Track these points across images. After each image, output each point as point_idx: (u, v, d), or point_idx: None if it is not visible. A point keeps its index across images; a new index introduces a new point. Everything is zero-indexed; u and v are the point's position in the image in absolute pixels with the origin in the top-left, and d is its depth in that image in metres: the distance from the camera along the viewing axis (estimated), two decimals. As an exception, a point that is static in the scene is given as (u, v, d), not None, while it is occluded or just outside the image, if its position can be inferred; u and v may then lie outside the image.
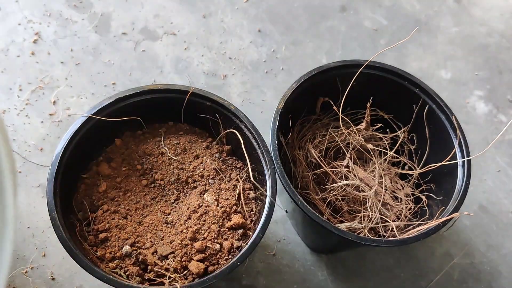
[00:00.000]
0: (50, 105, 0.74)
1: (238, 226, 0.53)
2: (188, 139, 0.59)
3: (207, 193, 0.55)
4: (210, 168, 0.57)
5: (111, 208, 0.53)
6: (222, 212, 0.53)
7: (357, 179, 0.60)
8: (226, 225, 0.53)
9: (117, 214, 0.53)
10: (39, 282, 0.62)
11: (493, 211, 0.74)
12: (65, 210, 0.51)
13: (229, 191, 0.55)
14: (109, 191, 0.55)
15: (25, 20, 0.81)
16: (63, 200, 0.51)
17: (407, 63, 0.87)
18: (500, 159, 0.79)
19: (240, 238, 0.52)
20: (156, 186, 0.56)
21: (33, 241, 0.64)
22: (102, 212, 0.53)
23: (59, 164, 0.51)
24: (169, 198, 0.56)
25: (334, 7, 0.91)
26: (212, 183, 0.56)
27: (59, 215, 0.49)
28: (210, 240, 0.52)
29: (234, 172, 0.58)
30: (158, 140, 0.59)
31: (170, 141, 0.58)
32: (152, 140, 0.59)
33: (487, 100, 0.84)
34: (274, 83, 0.81)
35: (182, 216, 0.54)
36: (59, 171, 0.51)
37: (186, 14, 0.87)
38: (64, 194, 0.51)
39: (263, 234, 0.50)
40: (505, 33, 0.92)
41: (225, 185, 0.56)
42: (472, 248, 0.70)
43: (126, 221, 0.53)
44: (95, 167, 0.56)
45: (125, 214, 0.53)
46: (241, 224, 0.53)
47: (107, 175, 0.56)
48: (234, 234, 0.53)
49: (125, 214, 0.53)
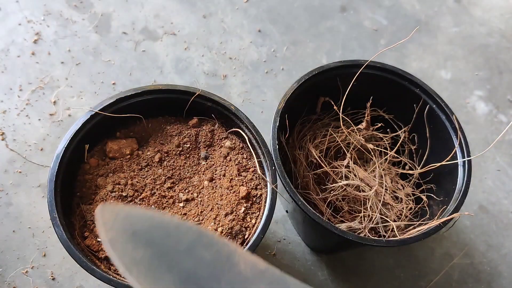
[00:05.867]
0: (50, 105, 0.74)
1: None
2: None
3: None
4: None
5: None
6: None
7: (357, 179, 0.60)
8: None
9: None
10: (39, 282, 0.62)
11: (493, 211, 0.74)
12: (66, 210, 0.51)
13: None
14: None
15: (25, 20, 0.81)
16: (63, 200, 0.51)
17: (407, 63, 0.87)
18: (500, 159, 0.79)
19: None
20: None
21: (33, 241, 0.64)
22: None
23: (60, 164, 0.51)
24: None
25: (334, 7, 0.91)
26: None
27: (60, 215, 0.49)
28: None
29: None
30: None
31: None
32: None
33: (487, 100, 0.84)
34: (274, 83, 0.81)
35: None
36: (60, 171, 0.51)
37: (186, 14, 0.87)
38: (64, 194, 0.51)
39: (264, 235, 0.50)
40: (505, 33, 0.92)
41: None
42: (472, 248, 0.70)
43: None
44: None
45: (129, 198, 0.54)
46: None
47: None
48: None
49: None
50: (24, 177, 0.68)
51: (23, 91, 0.75)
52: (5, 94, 0.74)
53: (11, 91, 0.74)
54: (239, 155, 0.58)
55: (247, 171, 0.57)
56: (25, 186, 0.68)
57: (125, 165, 0.56)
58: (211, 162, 0.58)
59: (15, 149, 0.70)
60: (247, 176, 0.56)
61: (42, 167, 0.69)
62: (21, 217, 0.66)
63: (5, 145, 0.70)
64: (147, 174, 0.56)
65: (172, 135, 0.59)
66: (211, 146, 0.59)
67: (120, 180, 0.55)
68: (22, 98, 0.74)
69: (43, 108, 0.73)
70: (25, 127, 0.72)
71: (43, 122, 0.72)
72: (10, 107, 0.73)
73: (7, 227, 0.65)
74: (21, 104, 0.73)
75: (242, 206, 0.54)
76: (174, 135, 0.59)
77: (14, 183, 0.68)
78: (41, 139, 0.71)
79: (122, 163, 0.56)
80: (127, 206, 0.43)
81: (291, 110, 0.60)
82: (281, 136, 0.59)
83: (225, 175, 0.57)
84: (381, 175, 0.62)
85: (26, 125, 0.72)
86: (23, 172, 0.68)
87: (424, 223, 0.57)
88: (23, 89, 0.75)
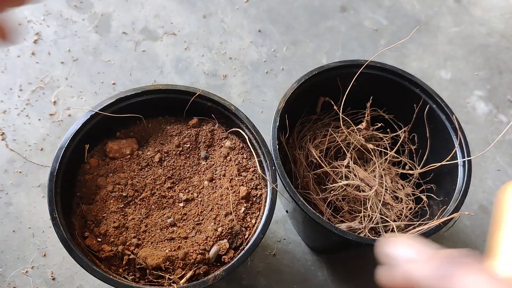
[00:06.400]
0: (50, 105, 0.74)
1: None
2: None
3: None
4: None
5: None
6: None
7: (357, 179, 0.60)
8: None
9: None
10: (39, 282, 0.62)
11: (493, 211, 0.74)
12: (66, 210, 0.51)
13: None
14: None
15: (25, 20, 0.81)
16: (63, 200, 0.51)
17: (407, 63, 0.87)
18: (500, 159, 0.79)
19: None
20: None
21: (33, 241, 0.64)
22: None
23: (60, 164, 0.51)
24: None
25: (334, 7, 0.91)
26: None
27: (60, 215, 0.49)
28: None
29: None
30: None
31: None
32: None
33: (487, 100, 0.84)
34: (274, 83, 0.81)
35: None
36: (60, 171, 0.51)
37: (186, 14, 0.87)
38: (64, 194, 0.51)
39: (264, 235, 0.50)
40: (505, 33, 0.92)
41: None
42: (472, 248, 0.70)
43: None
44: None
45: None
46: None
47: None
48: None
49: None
50: (24, 177, 0.68)
51: (23, 91, 0.75)
52: (5, 94, 0.74)
53: (11, 91, 0.74)
54: (239, 155, 0.58)
55: (247, 171, 0.57)
56: (25, 186, 0.68)
57: (125, 165, 0.56)
58: (211, 162, 0.58)
59: (15, 149, 0.70)
60: (247, 176, 0.56)
61: (42, 167, 0.69)
62: (21, 217, 0.66)
63: (5, 145, 0.70)
64: (147, 174, 0.56)
65: (172, 135, 0.59)
66: (211, 146, 0.59)
67: (120, 180, 0.55)
68: (22, 98, 0.74)
69: (43, 108, 0.73)
70: (25, 127, 0.72)
71: (43, 122, 0.72)
72: (10, 107, 0.73)
73: (7, 227, 0.65)
74: (21, 104, 0.73)
75: (242, 206, 0.54)
76: (174, 135, 0.59)
77: (14, 183, 0.68)
78: (41, 139, 0.71)
79: (122, 163, 0.56)
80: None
81: (291, 110, 0.60)
82: (281, 136, 0.59)
83: (225, 175, 0.57)
84: (381, 175, 0.62)
85: (26, 125, 0.72)
86: (23, 172, 0.68)
87: (424, 223, 0.57)
88: (23, 89, 0.75)
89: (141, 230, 0.53)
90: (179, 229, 0.53)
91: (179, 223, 0.54)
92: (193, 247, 0.52)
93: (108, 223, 0.52)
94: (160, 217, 0.54)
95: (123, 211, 0.54)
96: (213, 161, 0.58)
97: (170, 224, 0.54)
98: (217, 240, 0.52)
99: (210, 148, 0.59)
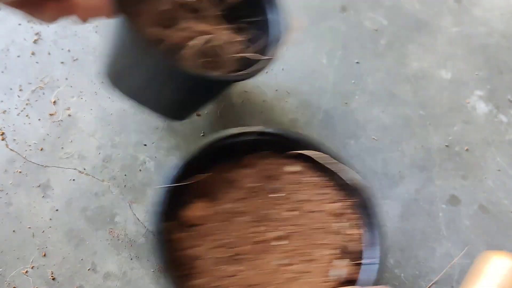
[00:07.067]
0: (50, 105, 0.74)
1: None
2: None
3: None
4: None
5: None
6: None
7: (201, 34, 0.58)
8: None
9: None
10: (39, 282, 0.62)
11: (493, 211, 0.74)
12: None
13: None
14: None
15: (25, 20, 0.81)
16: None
17: (407, 63, 0.87)
18: (500, 159, 0.79)
19: None
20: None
21: (33, 241, 0.64)
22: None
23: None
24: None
25: (334, 7, 0.91)
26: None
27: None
28: None
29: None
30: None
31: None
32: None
33: (487, 100, 0.84)
34: (274, 83, 0.81)
35: None
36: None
37: (186, 14, 0.87)
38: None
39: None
40: (505, 33, 0.92)
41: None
42: (472, 248, 0.70)
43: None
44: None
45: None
46: None
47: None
48: None
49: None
50: (24, 177, 0.68)
51: (23, 91, 0.75)
52: (5, 94, 0.74)
53: (11, 91, 0.74)
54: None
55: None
56: (25, 186, 0.68)
57: (207, 228, 0.54)
58: (284, 191, 0.57)
59: (15, 149, 0.70)
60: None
61: (42, 167, 0.69)
62: (21, 217, 0.66)
63: (5, 145, 0.70)
64: (231, 228, 0.54)
65: (235, 180, 0.57)
66: (276, 177, 0.57)
67: (215, 243, 0.53)
68: (22, 98, 0.74)
69: (43, 108, 0.74)
70: (25, 127, 0.72)
71: (43, 122, 0.72)
72: (10, 107, 0.73)
73: (7, 227, 0.65)
74: (21, 104, 0.73)
75: (334, 222, 0.54)
76: (237, 180, 0.57)
77: (14, 183, 0.68)
78: (41, 139, 0.71)
79: (204, 227, 0.54)
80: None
81: None
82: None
83: (305, 200, 0.56)
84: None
85: (26, 125, 0.72)
86: (23, 172, 0.68)
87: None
88: (23, 89, 0.75)
89: (261, 282, 0.51)
90: (293, 266, 0.52)
91: (290, 260, 0.53)
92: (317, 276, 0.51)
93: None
94: (268, 262, 0.52)
95: (235, 273, 0.51)
96: (285, 191, 0.57)
97: (281, 265, 0.52)
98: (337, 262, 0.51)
99: (277, 180, 0.57)
